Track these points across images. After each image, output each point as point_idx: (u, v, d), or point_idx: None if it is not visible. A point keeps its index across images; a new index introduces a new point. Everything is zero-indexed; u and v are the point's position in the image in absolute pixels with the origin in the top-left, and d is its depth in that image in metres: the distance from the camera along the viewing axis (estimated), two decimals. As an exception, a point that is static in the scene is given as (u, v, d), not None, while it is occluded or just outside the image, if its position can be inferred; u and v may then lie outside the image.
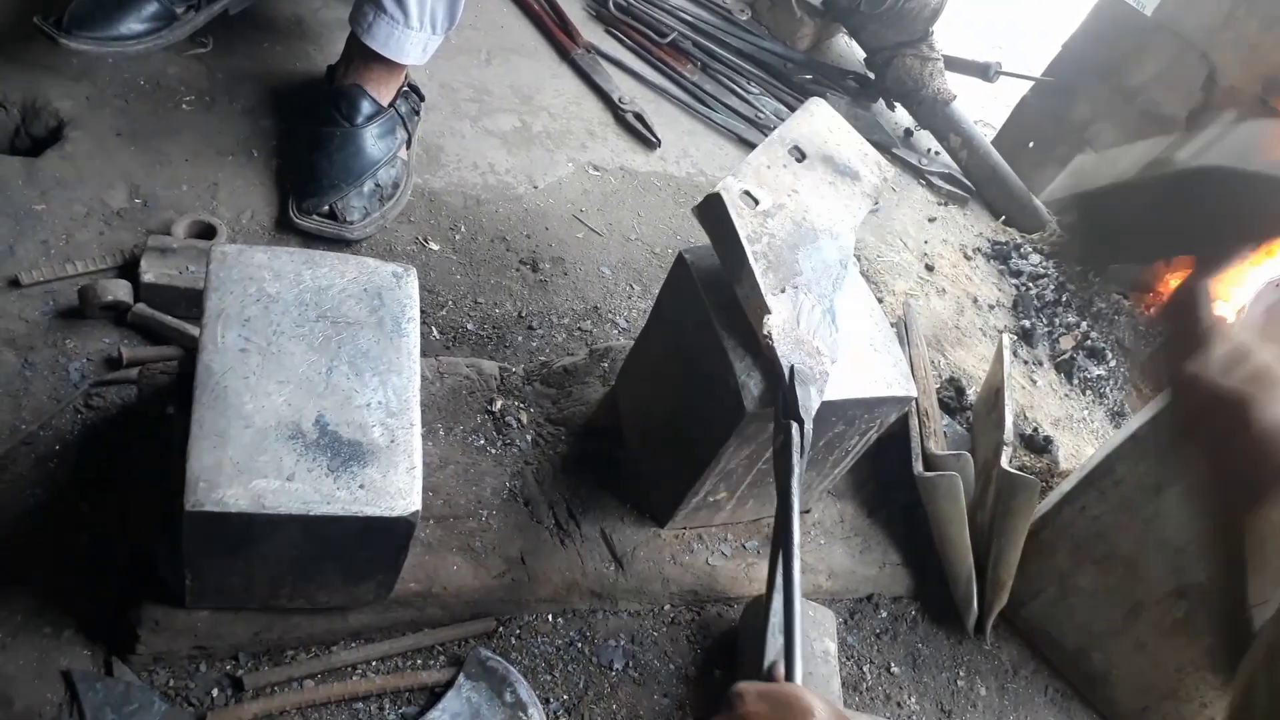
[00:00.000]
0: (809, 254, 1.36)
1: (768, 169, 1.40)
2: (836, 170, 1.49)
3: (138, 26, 1.74)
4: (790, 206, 1.39)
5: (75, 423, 1.39)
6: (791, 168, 1.44)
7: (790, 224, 1.37)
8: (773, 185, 1.39)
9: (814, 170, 1.46)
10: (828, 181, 1.47)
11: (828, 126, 1.54)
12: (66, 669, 1.17)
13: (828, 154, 1.50)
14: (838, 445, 1.47)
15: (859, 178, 1.51)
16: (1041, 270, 2.61)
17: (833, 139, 1.53)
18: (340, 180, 1.76)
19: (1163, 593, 1.57)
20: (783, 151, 1.45)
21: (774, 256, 1.31)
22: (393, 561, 1.19)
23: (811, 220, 1.40)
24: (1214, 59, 2.53)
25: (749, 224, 1.31)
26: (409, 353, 1.18)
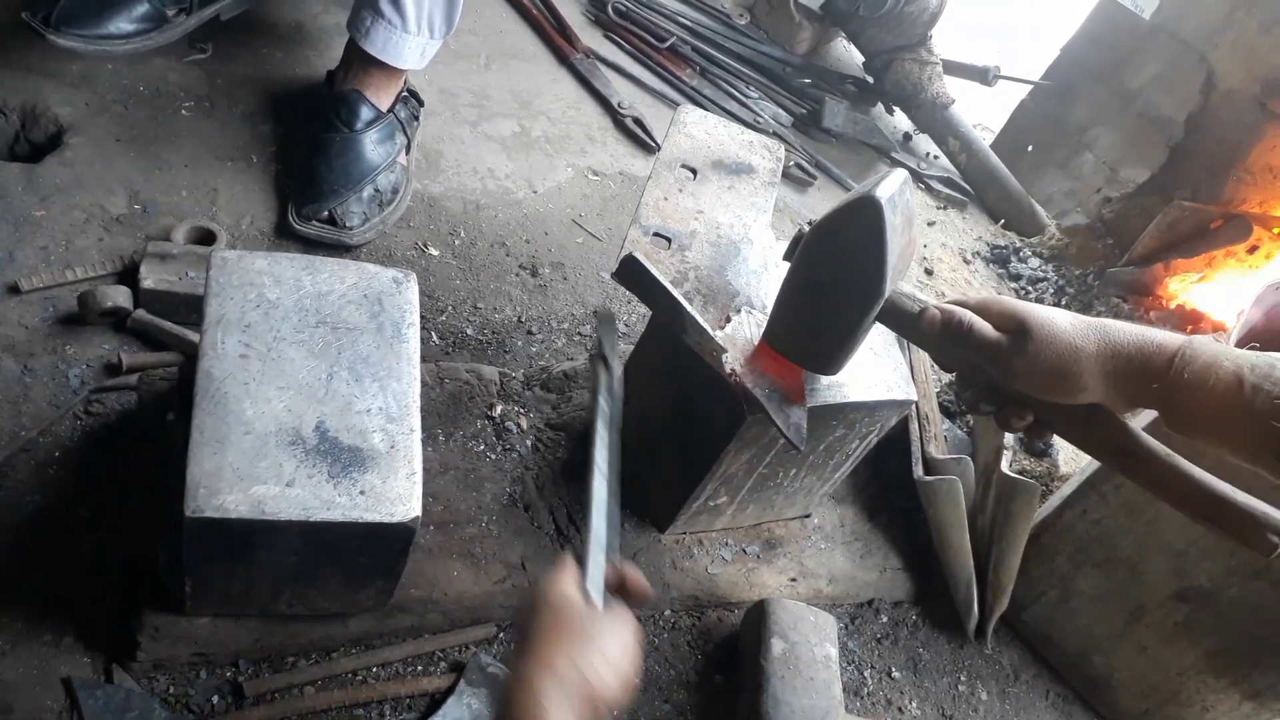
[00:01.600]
0: (737, 270, 1.35)
1: (665, 200, 1.38)
2: (730, 171, 1.46)
3: (127, 26, 1.74)
4: (701, 230, 1.37)
5: (75, 429, 1.39)
6: (688, 189, 1.41)
7: (708, 248, 1.35)
8: (677, 216, 1.36)
9: (709, 182, 1.44)
10: (726, 187, 1.45)
11: (705, 131, 1.51)
12: (67, 676, 1.17)
13: (716, 159, 1.47)
14: (838, 449, 1.46)
15: (753, 169, 1.49)
16: (1041, 274, 2.61)
17: (714, 142, 1.50)
18: (340, 186, 1.76)
19: (1164, 596, 1.57)
20: (673, 177, 1.42)
21: (706, 289, 1.29)
22: (393, 567, 1.19)
23: (726, 234, 1.39)
24: (1213, 62, 2.53)
25: (670, 268, 1.29)
26: (409, 358, 1.18)
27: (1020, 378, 1.03)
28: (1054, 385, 1.02)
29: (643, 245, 1.29)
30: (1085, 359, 1.00)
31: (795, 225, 2.39)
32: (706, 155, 1.46)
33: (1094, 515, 1.61)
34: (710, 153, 1.47)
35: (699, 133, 1.49)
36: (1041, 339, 1.01)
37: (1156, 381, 0.98)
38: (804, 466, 1.48)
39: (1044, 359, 1.01)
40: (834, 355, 1.25)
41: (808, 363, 1.26)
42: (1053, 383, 1.02)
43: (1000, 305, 1.06)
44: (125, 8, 1.74)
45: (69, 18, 1.68)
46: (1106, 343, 1.00)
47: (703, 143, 1.48)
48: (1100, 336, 1.00)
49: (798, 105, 2.77)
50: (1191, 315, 2.46)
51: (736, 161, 1.48)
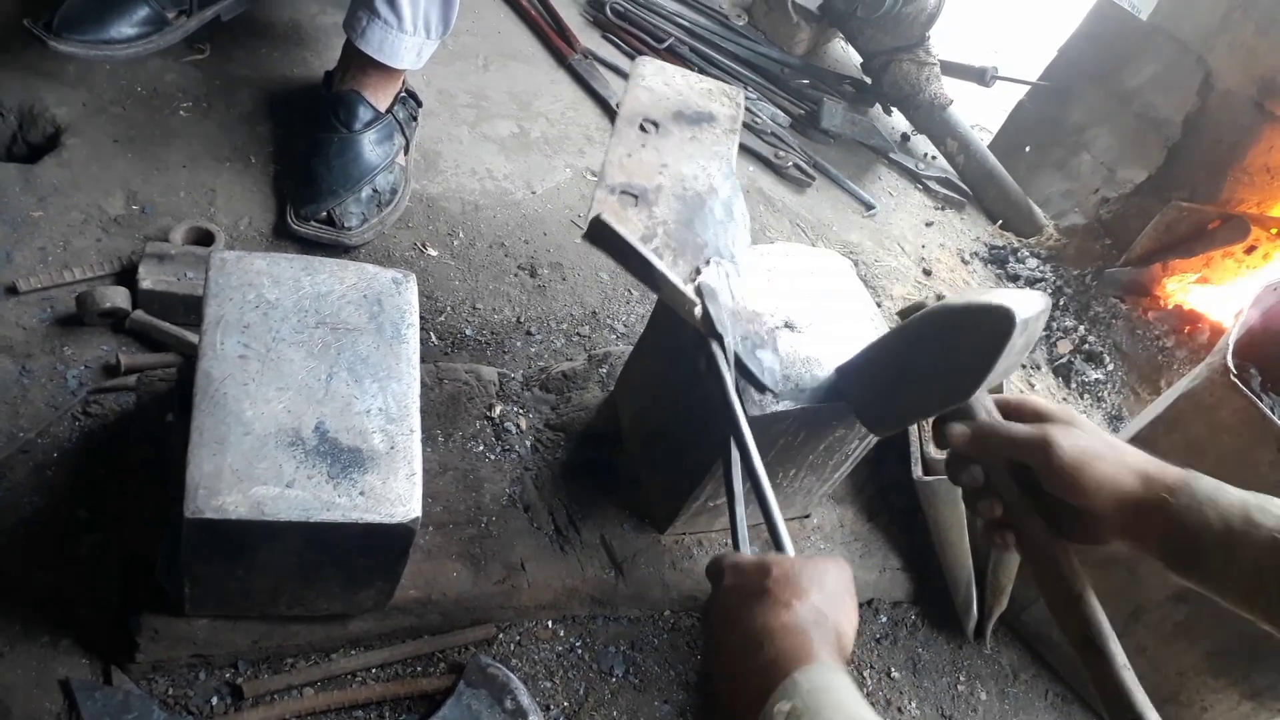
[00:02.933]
0: (704, 222, 1.33)
1: (629, 157, 1.34)
2: (691, 121, 1.44)
3: (128, 30, 1.74)
4: (667, 184, 1.34)
5: (73, 430, 1.39)
6: (651, 143, 1.38)
7: (675, 201, 1.33)
8: (642, 172, 1.33)
9: (671, 134, 1.41)
10: (688, 138, 1.42)
11: (663, 83, 1.48)
12: (65, 678, 1.17)
13: (676, 110, 1.44)
14: (837, 449, 1.46)
15: (714, 116, 1.47)
16: (1039, 274, 2.61)
17: (673, 92, 1.47)
18: (338, 186, 1.76)
19: (1162, 597, 1.57)
20: (635, 132, 1.39)
21: (676, 244, 1.28)
22: (392, 568, 1.19)
23: (692, 186, 1.36)
24: (1210, 62, 2.54)
25: (639, 225, 1.28)
26: (408, 359, 1.17)
27: (1060, 458, 1.03)
28: (1087, 471, 1.02)
29: (610, 205, 1.27)
30: (1116, 456, 1.03)
31: (794, 226, 2.40)
32: (667, 107, 1.43)
33: (1093, 515, 1.61)
34: (670, 104, 1.44)
35: (658, 84, 1.46)
36: (1084, 425, 1.06)
37: (1160, 507, 1.00)
38: (803, 466, 1.48)
39: (1087, 441, 1.04)
40: (889, 424, 1.28)
41: (863, 415, 1.29)
42: (1087, 467, 1.02)
43: (1038, 402, 1.11)
44: (126, 12, 1.74)
45: (70, 24, 1.68)
46: (1136, 454, 1.04)
47: (662, 95, 1.45)
48: (1129, 448, 1.05)
49: (796, 106, 2.77)
50: (1189, 316, 2.46)
51: (697, 111, 1.45)
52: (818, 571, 0.95)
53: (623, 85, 2.48)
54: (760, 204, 2.40)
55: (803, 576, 0.93)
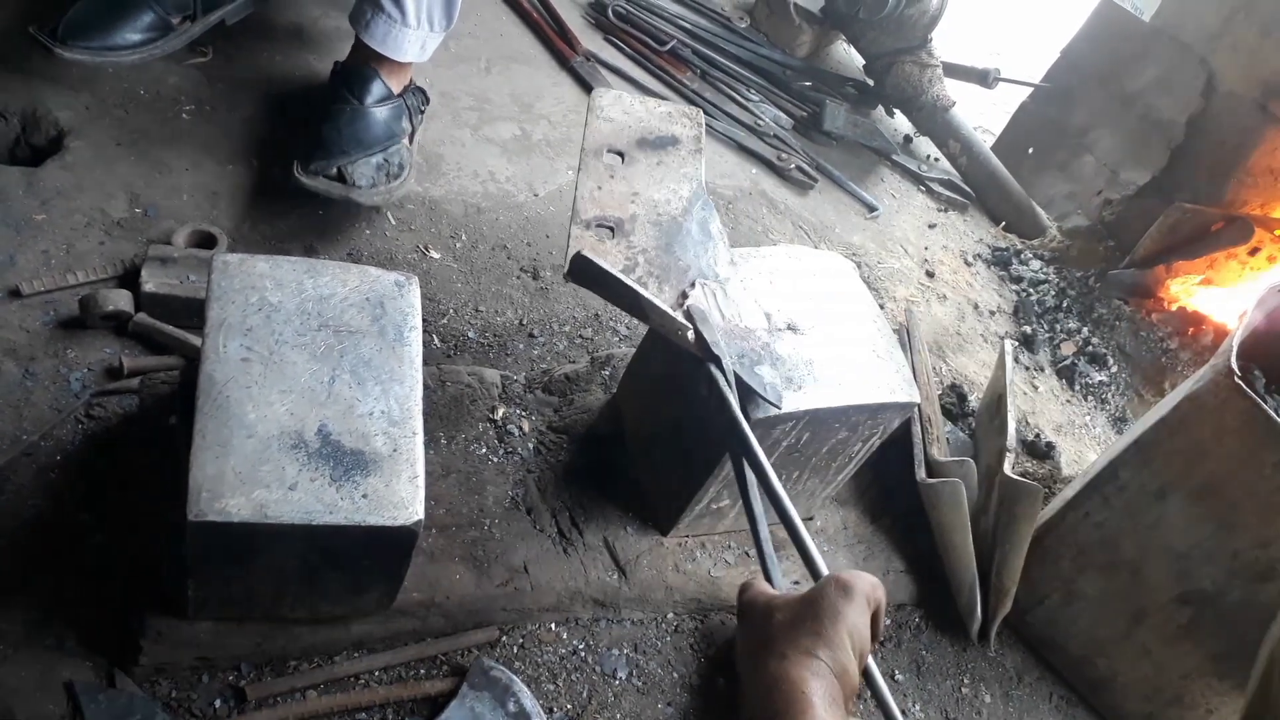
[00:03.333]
0: (683, 245, 1.34)
1: (599, 190, 1.36)
2: (655, 147, 1.45)
3: (133, 36, 1.75)
4: (641, 212, 1.36)
5: (76, 433, 1.39)
6: (619, 173, 1.40)
7: (651, 228, 1.34)
8: (614, 203, 1.35)
9: (637, 162, 1.42)
10: (655, 163, 1.43)
11: (622, 111, 1.49)
12: (69, 680, 1.16)
13: (639, 137, 1.45)
14: (841, 451, 1.46)
15: (677, 139, 1.48)
16: (1042, 276, 2.61)
17: (633, 119, 1.48)
18: (349, 148, 1.73)
19: (1167, 599, 1.57)
20: (602, 164, 1.41)
21: (659, 270, 1.29)
22: (395, 571, 1.19)
23: (666, 211, 1.37)
24: (1213, 64, 2.53)
25: (619, 257, 1.29)
26: (411, 362, 1.17)
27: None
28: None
29: (587, 240, 1.29)
30: None
31: (796, 228, 2.39)
32: (629, 135, 1.44)
33: (1097, 518, 1.61)
34: (632, 132, 1.45)
35: (617, 114, 1.47)
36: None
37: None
38: (806, 469, 1.48)
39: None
40: None
41: None
42: None
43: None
44: (131, 18, 1.75)
45: (75, 30, 1.68)
46: None
47: (623, 123, 1.46)
48: None
49: (798, 108, 2.77)
50: (1193, 317, 2.46)
51: (659, 135, 1.47)
52: (816, 611, 0.91)
53: (625, 88, 2.49)
54: (763, 206, 2.40)
55: (802, 620, 0.90)
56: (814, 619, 0.90)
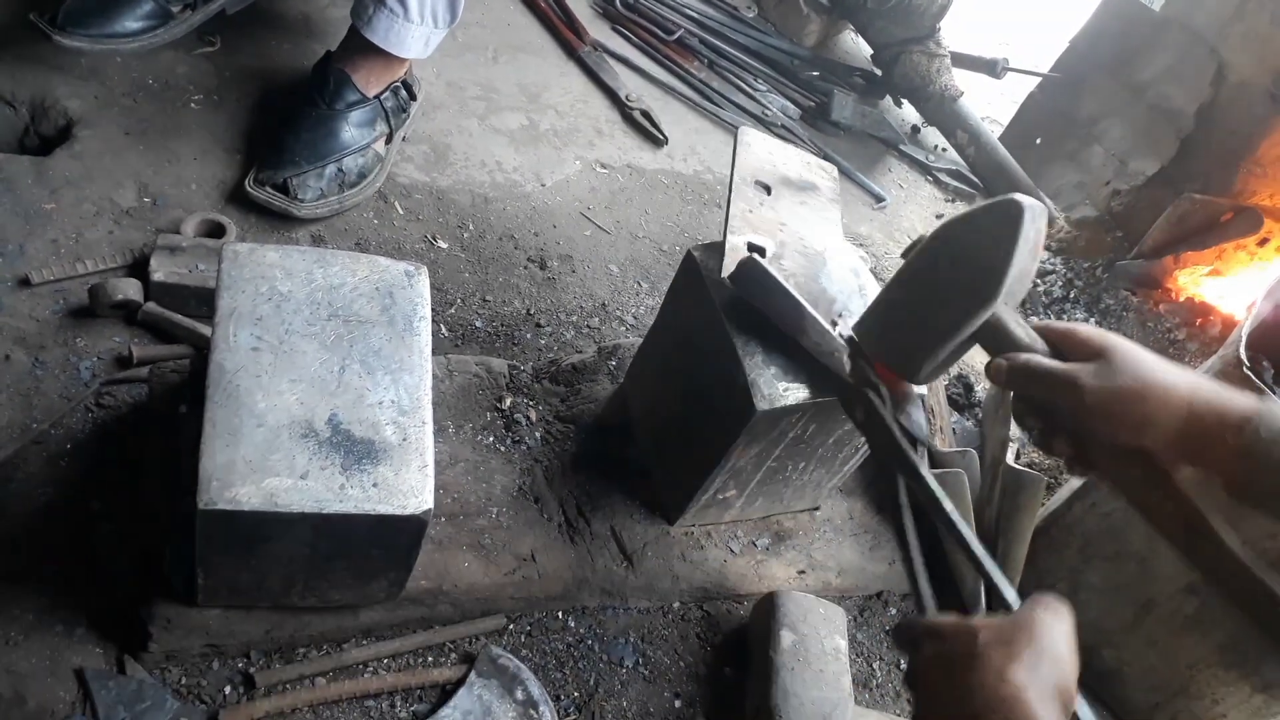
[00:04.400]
0: (828, 278, 1.39)
1: (750, 213, 1.40)
2: (799, 189, 1.50)
3: (133, 24, 1.74)
4: (789, 241, 1.40)
5: (86, 421, 1.39)
6: (767, 203, 1.45)
7: (799, 257, 1.39)
8: (764, 227, 1.40)
9: (783, 198, 1.48)
10: (799, 203, 1.48)
11: (768, 151, 1.55)
12: (79, 667, 1.17)
13: (784, 176, 1.51)
14: (847, 442, 1.46)
15: (817, 187, 1.54)
16: (1049, 267, 2.60)
17: (779, 160, 1.54)
18: (301, 158, 1.74)
19: (1174, 589, 1.57)
20: (752, 192, 1.45)
21: (807, 295, 1.30)
22: (404, 559, 1.19)
23: (811, 244, 1.42)
24: (1224, 54, 2.52)
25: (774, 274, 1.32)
26: (420, 351, 1.18)
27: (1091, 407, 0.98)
28: (1123, 412, 0.98)
29: (740, 254, 1.32)
30: (1160, 393, 0.96)
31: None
32: (773, 172, 1.50)
33: (1103, 508, 1.61)
34: (776, 170, 1.51)
35: (762, 152, 1.53)
36: (1122, 362, 0.98)
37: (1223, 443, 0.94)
38: (813, 460, 1.48)
39: (1120, 387, 0.97)
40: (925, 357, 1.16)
41: (894, 361, 1.19)
42: (1122, 409, 0.97)
43: (1086, 331, 1.04)
44: (130, 6, 1.74)
45: (75, 18, 1.68)
46: (1185, 387, 0.97)
47: (767, 160, 1.52)
48: (1180, 379, 0.97)
49: (806, 98, 2.76)
50: (1201, 308, 2.45)
51: (803, 179, 1.53)
52: (1029, 629, 0.87)
53: (632, 78, 2.49)
54: (770, 196, 2.40)
55: (1016, 638, 0.86)
56: (1031, 639, 0.86)
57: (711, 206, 2.28)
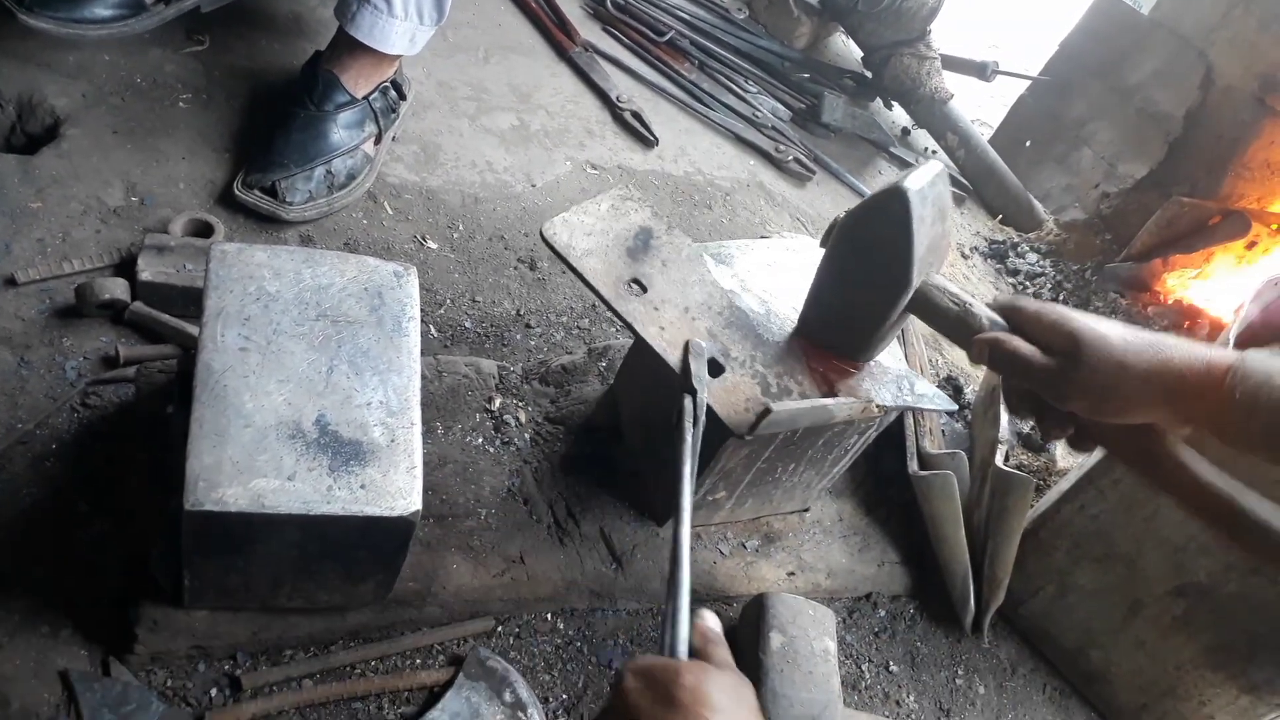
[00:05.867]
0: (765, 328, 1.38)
1: (664, 330, 1.33)
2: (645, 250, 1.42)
3: (103, 12, 1.71)
4: (705, 322, 1.36)
5: (72, 422, 1.38)
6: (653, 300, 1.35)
7: (731, 332, 1.36)
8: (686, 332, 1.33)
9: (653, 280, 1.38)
10: (661, 265, 1.40)
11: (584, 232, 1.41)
12: (64, 669, 1.16)
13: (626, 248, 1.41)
14: (836, 444, 1.46)
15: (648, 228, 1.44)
16: (1039, 269, 2.61)
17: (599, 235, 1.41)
18: (290, 160, 1.74)
19: (1162, 591, 1.58)
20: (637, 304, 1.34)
21: (776, 365, 1.34)
22: (392, 561, 1.19)
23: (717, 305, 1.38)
24: (1211, 58, 2.53)
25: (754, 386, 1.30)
26: (409, 352, 1.17)
27: (1071, 400, 1.03)
28: (1103, 407, 1.02)
29: (717, 391, 1.26)
30: (1135, 379, 1.00)
31: (794, 220, 2.39)
32: (617, 255, 1.38)
33: (1092, 510, 1.61)
34: (615, 250, 1.39)
35: (582, 240, 1.39)
36: (1093, 361, 1.01)
37: (1209, 399, 0.97)
38: (802, 461, 1.48)
39: (1095, 381, 1.01)
40: (865, 343, 1.29)
41: (840, 348, 1.30)
42: (1101, 405, 1.02)
43: (1054, 318, 1.06)
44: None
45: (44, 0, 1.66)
46: (1159, 360, 1.00)
47: (598, 245, 1.39)
48: (1154, 354, 1.00)
49: (796, 100, 2.76)
50: (1189, 311, 2.46)
51: (635, 234, 1.42)
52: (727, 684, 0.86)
53: (623, 79, 2.49)
54: (760, 198, 2.40)
55: (714, 688, 0.84)
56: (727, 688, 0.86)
57: (702, 208, 2.28)
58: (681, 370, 1.24)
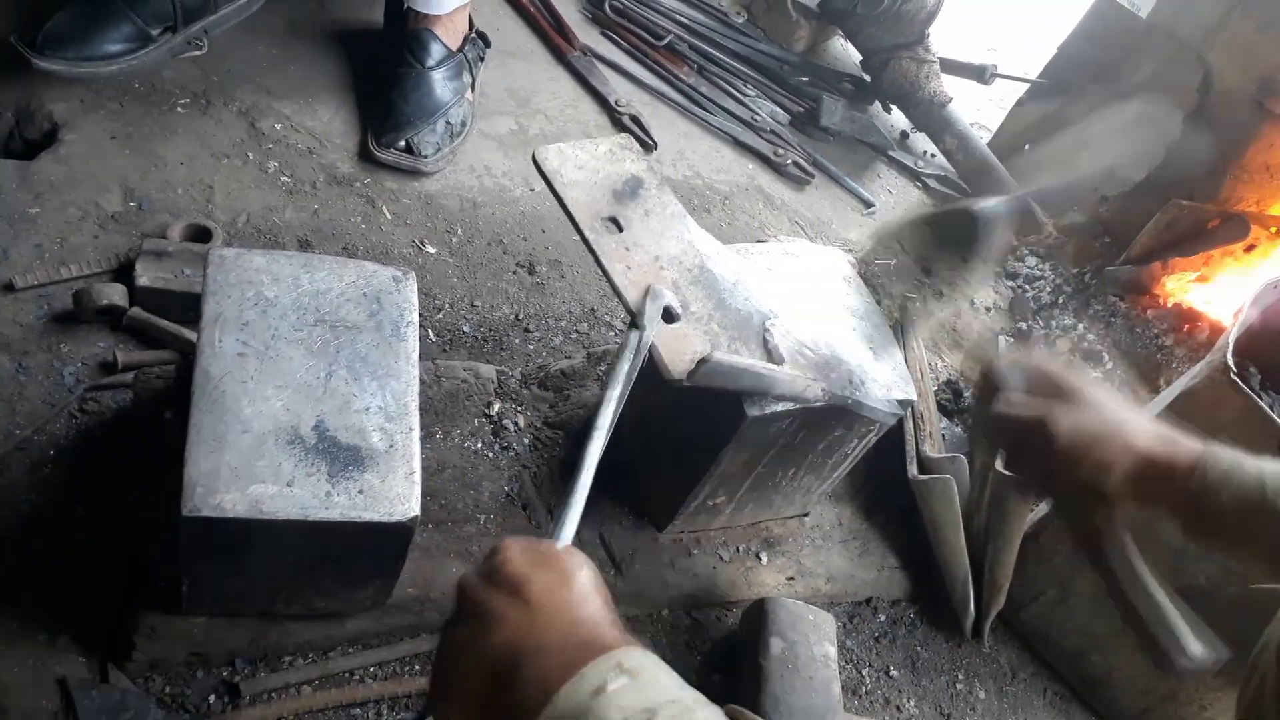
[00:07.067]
0: (731, 293, 1.36)
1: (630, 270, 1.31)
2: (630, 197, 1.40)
3: (112, 47, 1.75)
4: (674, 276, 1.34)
5: (70, 428, 1.38)
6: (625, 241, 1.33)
7: (695, 289, 1.33)
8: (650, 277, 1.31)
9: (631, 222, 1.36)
10: (643, 214, 1.38)
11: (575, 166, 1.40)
12: (62, 676, 1.16)
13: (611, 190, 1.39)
14: (837, 448, 1.46)
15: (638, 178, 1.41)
16: (1038, 272, 2.61)
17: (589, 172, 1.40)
18: (415, 118, 1.92)
19: (1162, 595, 1.57)
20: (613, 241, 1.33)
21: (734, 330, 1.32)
22: (391, 567, 1.18)
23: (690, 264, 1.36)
24: (1210, 61, 2.53)
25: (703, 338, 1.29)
26: (408, 357, 1.17)
27: (1058, 439, 1.05)
28: (1086, 454, 1.04)
29: (666, 336, 1.25)
30: (1122, 438, 1.03)
31: (793, 223, 2.39)
32: (602, 193, 1.37)
33: (1092, 514, 1.61)
34: (599, 187, 1.37)
35: (573, 172, 1.38)
36: (1089, 404, 1.06)
37: (1174, 486, 1.00)
38: (802, 466, 1.48)
39: (1087, 423, 1.04)
40: None
41: None
42: (1086, 451, 1.04)
43: (1058, 374, 1.12)
44: (110, 29, 1.74)
45: (54, 41, 1.69)
46: (1144, 433, 1.04)
47: (587, 181, 1.38)
48: (1139, 425, 1.05)
49: (795, 103, 2.76)
50: (1188, 314, 2.46)
51: (625, 181, 1.40)
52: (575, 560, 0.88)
53: (621, 83, 2.49)
54: (759, 202, 2.40)
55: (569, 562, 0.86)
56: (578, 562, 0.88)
57: (700, 212, 2.27)
58: (636, 309, 1.25)
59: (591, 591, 0.84)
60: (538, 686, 0.75)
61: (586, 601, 0.83)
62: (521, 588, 0.82)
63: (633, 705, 0.71)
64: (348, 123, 2.00)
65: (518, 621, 0.80)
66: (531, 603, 0.81)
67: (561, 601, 0.82)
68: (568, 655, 0.76)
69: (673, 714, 0.71)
